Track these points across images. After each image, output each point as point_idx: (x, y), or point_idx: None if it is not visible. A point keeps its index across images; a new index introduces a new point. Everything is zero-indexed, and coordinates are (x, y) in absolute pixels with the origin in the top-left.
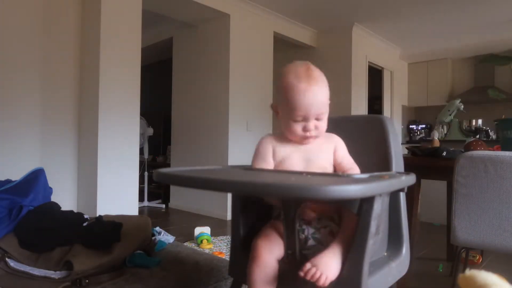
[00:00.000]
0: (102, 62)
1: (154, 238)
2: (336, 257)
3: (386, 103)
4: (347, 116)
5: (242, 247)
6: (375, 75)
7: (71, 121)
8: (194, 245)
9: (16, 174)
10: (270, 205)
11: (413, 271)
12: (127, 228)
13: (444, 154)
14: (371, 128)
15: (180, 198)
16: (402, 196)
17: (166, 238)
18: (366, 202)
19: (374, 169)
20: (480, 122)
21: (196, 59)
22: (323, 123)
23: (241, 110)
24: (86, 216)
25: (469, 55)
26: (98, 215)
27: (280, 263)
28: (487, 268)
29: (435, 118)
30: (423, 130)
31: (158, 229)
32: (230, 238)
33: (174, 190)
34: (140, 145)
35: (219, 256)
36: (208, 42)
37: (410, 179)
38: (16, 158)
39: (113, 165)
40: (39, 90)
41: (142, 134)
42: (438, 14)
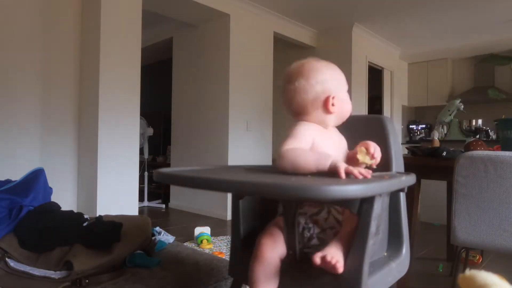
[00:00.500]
0: (102, 62)
1: (154, 238)
2: (341, 250)
3: (386, 103)
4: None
5: (242, 247)
6: (375, 75)
7: (71, 121)
8: (194, 245)
9: (16, 174)
10: (276, 202)
11: (413, 271)
12: (127, 228)
13: (444, 154)
14: (371, 128)
15: (180, 198)
16: (402, 196)
17: (166, 238)
18: (366, 202)
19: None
20: (480, 122)
21: (196, 59)
22: (348, 102)
23: (241, 110)
24: (86, 216)
25: (469, 55)
26: (98, 215)
27: (282, 261)
28: (487, 268)
29: (435, 118)
30: (423, 130)
31: (158, 229)
32: (230, 238)
33: (174, 190)
34: (140, 145)
35: (219, 256)
36: (208, 42)
37: (410, 179)
38: (16, 158)
39: (113, 165)
40: (39, 90)
41: (142, 134)
42: (438, 14)
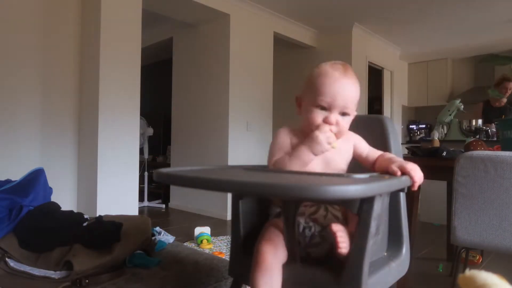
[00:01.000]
0: (102, 62)
1: (154, 238)
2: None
3: (386, 103)
4: None
5: (242, 247)
6: (375, 75)
7: (71, 121)
8: (194, 245)
9: (16, 174)
10: (269, 204)
11: (413, 271)
12: (127, 228)
13: (444, 154)
14: (371, 128)
15: (180, 198)
16: (402, 196)
17: (166, 238)
18: (366, 202)
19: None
20: (480, 122)
21: (196, 59)
22: (346, 123)
23: (241, 110)
24: (86, 216)
25: (469, 55)
26: (98, 215)
27: (283, 264)
28: (487, 268)
29: (435, 118)
30: (423, 130)
31: (158, 229)
32: (230, 238)
33: (174, 190)
34: (140, 145)
35: (219, 256)
36: (208, 42)
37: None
38: (16, 158)
39: (113, 165)
40: (39, 90)
41: (142, 134)
42: (438, 14)
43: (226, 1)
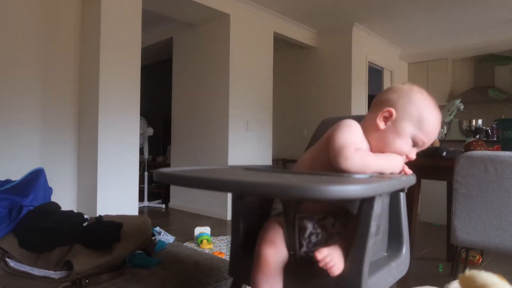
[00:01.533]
0: (102, 62)
1: (154, 238)
2: (342, 254)
3: None
4: (347, 116)
5: (242, 247)
6: (375, 75)
7: (71, 121)
8: (194, 245)
9: (16, 174)
10: (270, 203)
11: (413, 271)
12: (127, 228)
13: (444, 154)
14: None
15: (180, 198)
16: (402, 196)
17: (166, 238)
18: (366, 202)
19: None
20: (480, 122)
21: (196, 59)
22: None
23: (241, 110)
24: (86, 216)
25: (469, 55)
26: (98, 215)
27: (284, 266)
28: (487, 268)
29: None
30: None
31: (158, 229)
32: (230, 238)
33: (174, 190)
34: (140, 145)
35: (219, 256)
36: (208, 42)
37: (410, 179)
38: (16, 158)
39: (113, 165)
40: (39, 90)
41: (142, 134)
42: (438, 14)
43: (226, 1)
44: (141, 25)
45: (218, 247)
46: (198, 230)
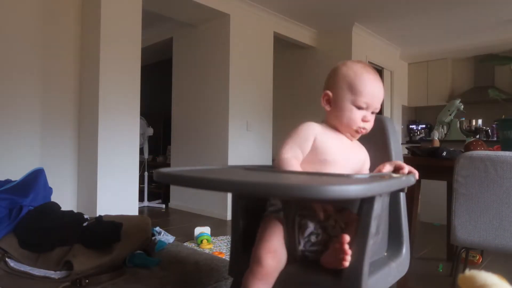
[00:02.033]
0: (102, 62)
1: (154, 238)
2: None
3: (386, 103)
4: None
5: (242, 247)
6: None
7: (71, 121)
8: (194, 245)
9: (16, 174)
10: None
11: (413, 271)
12: (127, 228)
13: (444, 154)
14: (371, 128)
15: (180, 198)
16: (402, 196)
17: (166, 238)
18: (366, 202)
19: (374, 169)
20: (480, 122)
21: (196, 59)
22: (373, 120)
23: (241, 110)
24: (86, 216)
25: (469, 55)
26: (98, 215)
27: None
28: (487, 268)
29: (435, 118)
30: (423, 130)
31: (158, 229)
32: (230, 238)
33: (174, 190)
34: (140, 145)
35: (219, 256)
36: (208, 42)
37: (410, 179)
38: (16, 158)
39: (113, 165)
40: (39, 89)
41: (142, 134)
42: (438, 14)
43: (226, 1)
44: (141, 25)
45: (218, 247)
46: (198, 230)
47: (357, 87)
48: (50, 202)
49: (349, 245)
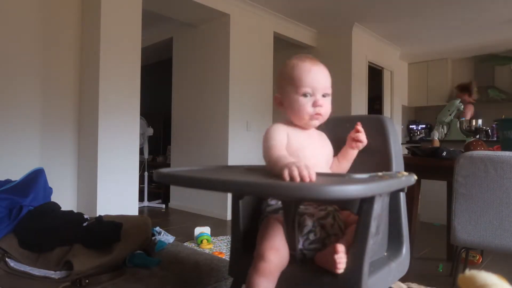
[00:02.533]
0: (102, 62)
1: (154, 238)
2: (345, 252)
3: (386, 103)
4: (347, 116)
5: (242, 247)
6: (375, 75)
7: (71, 121)
8: (194, 245)
9: (16, 174)
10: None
11: (413, 271)
12: (127, 228)
13: (444, 154)
14: (371, 128)
15: (180, 198)
16: (402, 196)
17: (166, 238)
18: (366, 202)
19: (374, 169)
20: (480, 122)
21: (196, 59)
22: (328, 104)
23: (241, 110)
24: (86, 216)
25: (469, 55)
26: (98, 215)
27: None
28: (487, 268)
29: (435, 118)
30: (423, 130)
31: (158, 229)
32: (230, 238)
33: (174, 190)
34: (140, 145)
35: (219, 256)
36: (208, 42)
37: (410, 179)
38: (16, 158)
39: (113, 165)
40: (39, 90)
41: (142, 134)
42: (438, 14)
43: (226, 1)
44: (141, 25)
45: (218, 247)
46: (198, 230)
47: (295, 77)
48: (50, 202)
49: (346, 249)
